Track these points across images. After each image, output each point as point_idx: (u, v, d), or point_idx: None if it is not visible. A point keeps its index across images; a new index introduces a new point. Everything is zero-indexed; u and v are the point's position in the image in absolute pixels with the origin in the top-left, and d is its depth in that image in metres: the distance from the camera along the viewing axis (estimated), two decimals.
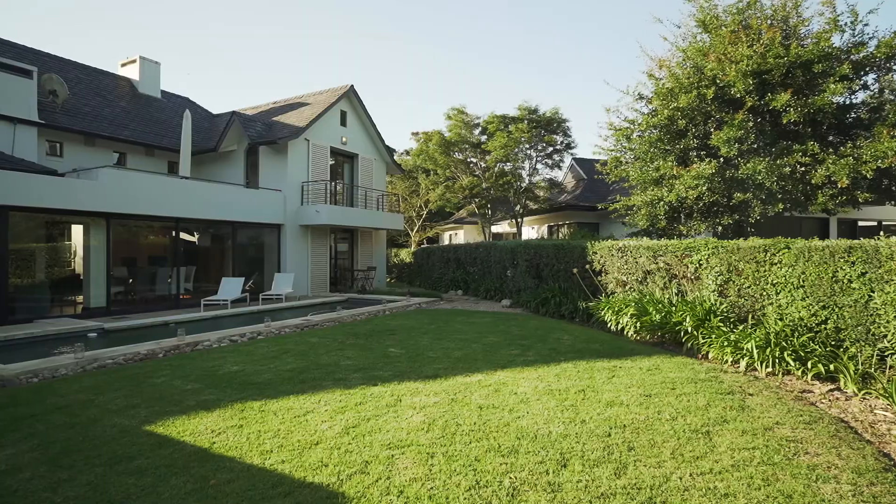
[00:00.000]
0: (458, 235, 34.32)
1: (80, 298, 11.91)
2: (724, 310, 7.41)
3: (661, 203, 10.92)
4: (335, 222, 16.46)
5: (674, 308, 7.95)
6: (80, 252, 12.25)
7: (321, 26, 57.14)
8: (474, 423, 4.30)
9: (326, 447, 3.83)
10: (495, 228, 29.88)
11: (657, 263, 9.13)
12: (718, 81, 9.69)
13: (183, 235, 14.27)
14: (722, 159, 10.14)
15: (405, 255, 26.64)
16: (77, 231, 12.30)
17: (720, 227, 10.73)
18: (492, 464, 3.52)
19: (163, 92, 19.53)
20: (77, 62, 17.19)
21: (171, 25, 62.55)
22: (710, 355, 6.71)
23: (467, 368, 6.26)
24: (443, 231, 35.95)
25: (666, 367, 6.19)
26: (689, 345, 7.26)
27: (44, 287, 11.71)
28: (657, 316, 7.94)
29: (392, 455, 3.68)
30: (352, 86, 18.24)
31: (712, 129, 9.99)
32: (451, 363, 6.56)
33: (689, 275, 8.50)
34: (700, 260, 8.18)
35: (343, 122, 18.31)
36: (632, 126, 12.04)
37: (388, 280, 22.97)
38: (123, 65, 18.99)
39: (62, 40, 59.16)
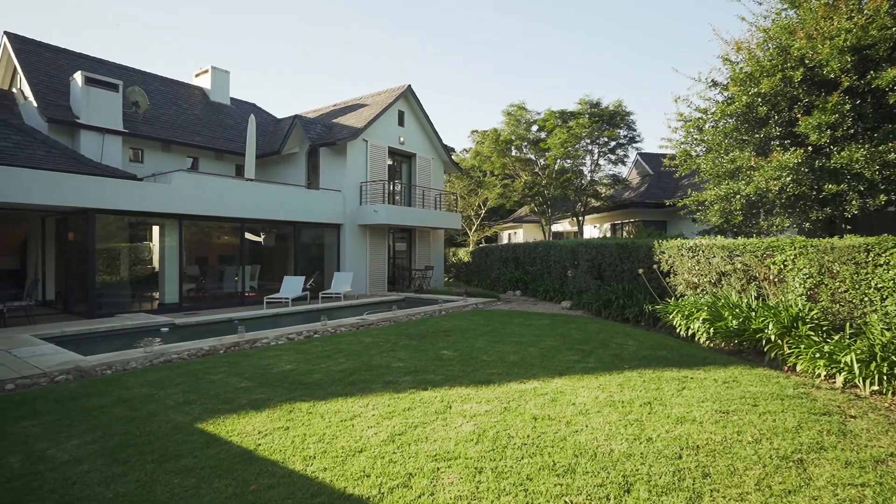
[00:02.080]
0: (517, 234, 33.73)
1: (156, 295, 12.66)
2: (815, 316, 6.59)
3: (738, 197, 9.99)
4: (393, 222, 16.56)
5: (753, 313, 7.19)
6: (156, 251, 13.04)
7: (385, 25, 58.27)
8: (527, 436, 3.99)
9: (370, 455, 3.67)
10: (556, 227, 29.05)
11: (733, 264, 8.35)
12: (808, 61, 8.70)
13: (248, 235, 14.86)
14: (810, 148, 9.12)
15: (463, 254, 26.50)
16: (153, 232, 13.10)
17: (807, 224, 9.66)
18: (545, 484, 3.21)
19: (232, 99, 20.52)
20: (156, 74, 18.40)
21: (238, 30, 66.10)
22: (798, 368, 5.97)
23: (522, 374, 5.94)
24: (501, 230, 35.48)
25: (745, 379, 5.56)
26: (771, 355, 6.52)
27: (125, 284, 12.55)
28: (734, 321, 7.21)
29: (437, 468, 3.46)
30: (409, 86, 18.28)
31: (799, 115, 8.98)
32: (506, 368, 6.26)
33: (771, 277, 7.69)
34: (785, 260, 7.36)
35: (401, 122, 18.40)
36: (704, 116, 11.14)
37: (446, 279, 22.89)
38: (197, 75, 20.13)
39: (145, 51, 64.09)
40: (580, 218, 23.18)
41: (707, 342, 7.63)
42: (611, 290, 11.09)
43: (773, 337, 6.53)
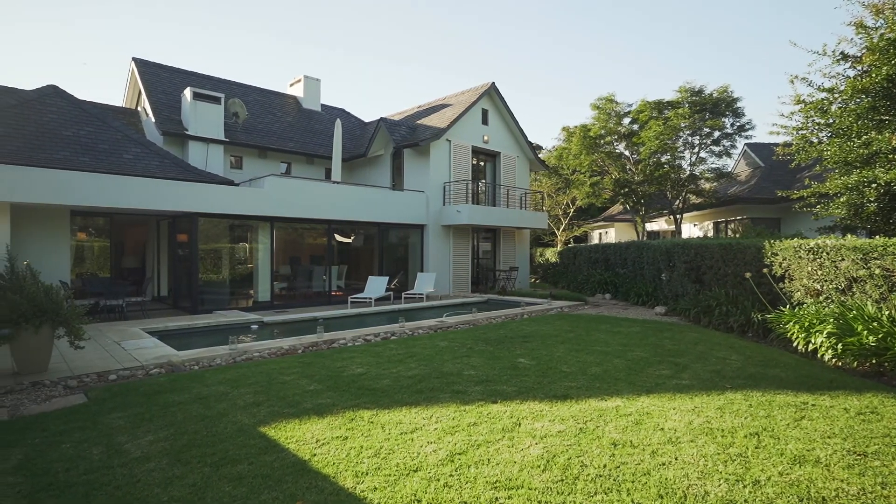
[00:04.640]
0: (608, 234, 32.04)
1: (251, 293, 13.48)
2: None
3: (873, 186, 8.46)
4: (476, 222, 16.30)
5: None
6: (250, 252, 13.89)
7: (471, 22, 58.42)
8: (604, 466, 3.48)
9: (424, 477, 3.38)
10: (650, 226, 27.13)
11: (869, 268, 7.02)
12: None
13: (336, 236, 15.37)
14: None
15: (550, 254, 25.60)
16: (248, 233, 13.96)
17: None
18: None
19: (322, 105, 21.48)
20: (254, 86, 19.74)
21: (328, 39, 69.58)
22: None
23: (604, 390, 5.36)
24: (591, 229, 33.92)
25: (888, 410, 4.54)
26: None
27: (223, 283, 13.50)
28: (870, 337, 6.02)
29: (496, 498, 3.09)
30: (493, 83, 17.93)
31: None
32: (586, 381, 5.70)
33: None
34: None
35: (484, 121, 18.10)
36: (830, 96, 9.61)
37: (532, 280, 22.22)
38: (291, 84, 21.33)
39: (248, 63, 69.73)
40: (678, 216, 21.36)
41: (833, 360, 6.46)
42: (711, 296, 9.93)
43: None
